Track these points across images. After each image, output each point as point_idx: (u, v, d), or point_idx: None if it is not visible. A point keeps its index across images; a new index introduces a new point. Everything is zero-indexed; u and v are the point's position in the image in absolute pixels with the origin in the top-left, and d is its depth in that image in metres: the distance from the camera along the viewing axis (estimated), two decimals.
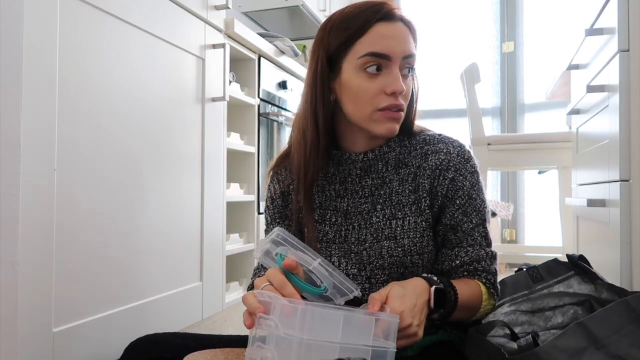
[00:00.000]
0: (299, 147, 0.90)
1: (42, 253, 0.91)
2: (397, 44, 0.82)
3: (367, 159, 0.89)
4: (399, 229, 0.86)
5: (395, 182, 0.89)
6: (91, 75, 1.03)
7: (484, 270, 0.87)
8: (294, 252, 0.71)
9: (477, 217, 0.87)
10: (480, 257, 0.86)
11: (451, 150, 0.87)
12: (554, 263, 1.06)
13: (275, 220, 0.97)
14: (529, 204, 3.15)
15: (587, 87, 1.31)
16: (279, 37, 2.03)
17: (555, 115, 2.99)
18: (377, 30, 0.82)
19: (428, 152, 0.88)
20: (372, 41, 0.82)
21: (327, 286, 0.71)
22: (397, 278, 0.85)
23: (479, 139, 2.34)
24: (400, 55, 0.82)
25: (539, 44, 3.12)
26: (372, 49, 0.81)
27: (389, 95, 0.82)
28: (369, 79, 0.82)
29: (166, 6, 1.27)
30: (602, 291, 0.98)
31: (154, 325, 1.19)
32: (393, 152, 0.90)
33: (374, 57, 0.81)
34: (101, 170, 1.05)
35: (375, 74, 0.82)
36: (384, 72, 0.82)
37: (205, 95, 1.43)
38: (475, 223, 0.87)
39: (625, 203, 1.12)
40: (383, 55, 0.81)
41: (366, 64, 0.82)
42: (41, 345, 0.90)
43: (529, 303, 1.04)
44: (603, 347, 0.72)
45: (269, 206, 0.99)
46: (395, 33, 0.82)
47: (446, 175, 0.86)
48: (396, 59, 0.82)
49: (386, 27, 0.82)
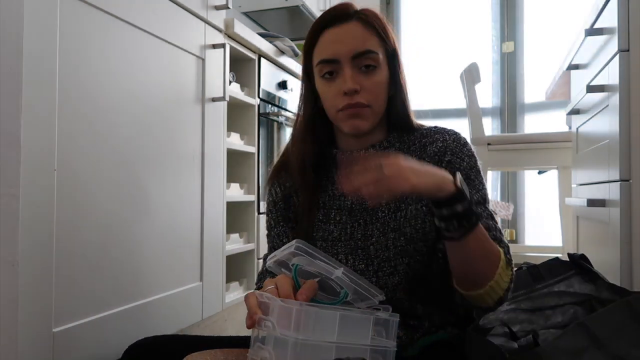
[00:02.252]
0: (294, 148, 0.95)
1: (42, 253, 0.91)
2: (344, 45, 0.86)
3: (368, 154, 0.91)
4: (403, 219, 0.87)
5: None
6: (91, 75, 1.03)
7: (496, 238, 0.83)
8: (312, 262, 0.69)
9: (478, 195, 0.87)
10: (489, 227, 0.83)
11: (447, 138, 0.90)
12: (555, 262, 1.06)
13: (279, 223, 0.98)
14: (529, 204, 3.15)
15: (587, 87, 1.31)
16: (279, 37, 2.03)
17: (555, 115, 2.99)
18: (324, 38, 0.88)
19: (426, 144, 0.91)
20: (320, 49, 0.88)
21: (347, 291, 0.70)
22: (403, 269, 0.86)
23: (479, 139, 2.34)
24: (347, 55, 0.85)
25: (539, 44, 3.12)
26: (321, 56, 0.88)
27: (344, 96, 0.86)
28: (327, 84, 0.88)
29: (166, 6, 1.27)
30: (603, 291, 0.98)
31: (154, 326, 1.19)
32: (393, 148, 0.92)
33: (324, 63, 0.87)
34: (101, 170, 1.05)
35: (330, 79, 0.87)
36: (339, 75, 0.87)
37: (205, 95, 1.43)
38: (477, 200, 0.87)
39: (625, 203, 1.12)
40: (330, 60, 0.86)
41: (321, 71, 0.88)
42: (41, 345, 0.90)
43: (529, 301, 1.04)
44: (604, 347, 0.72)
45: (271, 210, 1.00)
46: (340, 36, 0.87)
47: (443, 159, 0.88)
48: (345, 60, 0.86)
49: (332, 33, 0.87)
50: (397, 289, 0.86)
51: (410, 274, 0.86)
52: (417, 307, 0.87)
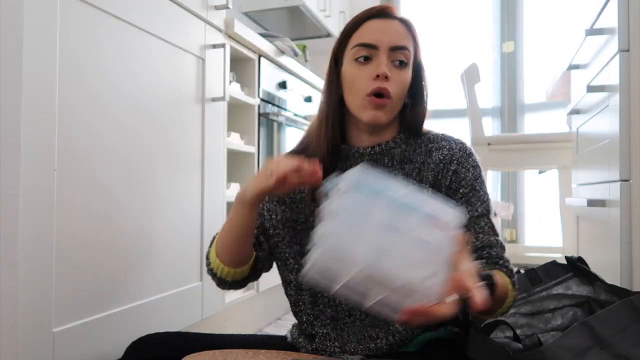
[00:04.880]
0: (312, 140, 0.94)
1: (42, 253, 0.91)
2: (385, 35, 0.88)
3: (374, 152, 0.91)
4: None
5: (400, 176, 0.90)
6: (91, 75, 1.03)
7: (499, 256, 0.84)
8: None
9: (482, 207, 0.88)
10: (491, 244, 0.85)
11: (454, 146, 0.92)
12: (553, 265, 1.06)
13: (273, 201, 0.96)
14: (529, 204, 3.15)
15: (587, 87, 1.31)
16: (279, 37, 2.03)
17: (555, 115, 2.99)
18: (368, 25, 0.90)
19: (432, 149, 0.92)
20: (362, 34, 0.90)
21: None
22: None
23: (479, 139, 2.34)
24: (387, 45, 0.88)
25: (539, 44, 3.12)
26: (361, 40, 0.89)
27: (375, 80, 0.87)
28: (359, 67, 0.89)
29: (166, 6, 1.27)
30: (601, 292, 0.98)
31: (154, 325, 1.19)
32: (399, 149, 0.92)
33: (362, 46, 0.88)
34: (101, 170, 1.05)
35: (365, 63, 0.89)
36: (373, 61, 0.88)
37: (205, 95, 1.43)
38: (481, 212, 0.87)
39: (625, 203, 1.12)
40: (370, 45, 0.88)
41: (356, 54, 0.89)
42: (41, 345, 0.90)
43: (528, 305, 1.04)
44: (607, 346, 0.72)
45: None
46: (384, 27, 0.89)
47: (449, 167, 0.89)
48: (383, 48, 0.88)
49: (377, 22, 0.90)
50: None
51: None
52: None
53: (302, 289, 0.93)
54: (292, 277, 0.93)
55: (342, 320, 0.90)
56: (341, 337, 0.89)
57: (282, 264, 0.95)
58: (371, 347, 0.87)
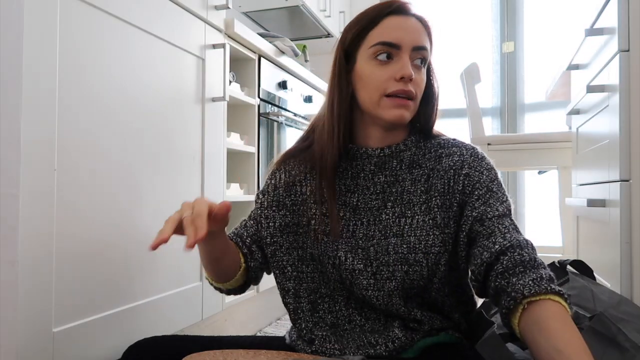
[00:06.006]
0: (321, 138, 0.92)
1: (42, 253, 0.91)
2: (407, 34, 0.86)
3: (384, 154, 0.90)
4: (407, 227, 0.86)
5: (407, 181, 0.89)
6: (91, 75, 1.03)
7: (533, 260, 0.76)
8: None
9: (503, 207, 0.85)
10: (520, 243, 0.79)
11: (464, 152, 0.89)
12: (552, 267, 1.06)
13: (272, 207, 0.94)
14: (529, 204, 3.15)
15: (587, 87, 1.31)
16: (279, 37, 2.03)
17: (555, 115, 2.99)
18: (388, 22, 0.87)
19: (442, 155, 0.90)
20: (382, 32, 0.86)
21: None
22: (400, 276, 0.84)
23: (479, 139, 2.34)
24: (409, 44, 0.85)
25: (539, 44, 3.12)
26: (382, 38, 0.85)
27: (398, 81, 0.85)
28: (379, 66, 0.86)
29: (166, 6, 1.27)
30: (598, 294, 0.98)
31: (154, 326, 1.19)
32: (408, 152, 0.91)
33: (384, 45, 0.85)
34: (101, 170, 1.05)
35: (386, 62, 0.86)
36: (394, 60, 0.86)
37: (205, 95, 1.43)
38: (502, 212, 0.84)
39: (625, 203, 1.12)
40: (393, 44, 0.85)
41: (377, 53, 0.86)
42: (41, 345, 0.90)
43: None
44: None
45: (269, 192, 0.96)
46: (405, 25, 0.86)
47: (460, 172, 0.87)
48: (406, 48, 0.85)
49: (397, 19, 0.87)
50: (394, 294, 0.85)
51: (408, 282, 0.84)
52: (414, 312, 0.86)
53: (300, 296, 0.92)
54: (290, 285, 0.92)
55: (342, 327, 0.89)
56: (340, 342, 0.88)
57: (279, 272, 0.93)
58: (370, 353, 0.85)
